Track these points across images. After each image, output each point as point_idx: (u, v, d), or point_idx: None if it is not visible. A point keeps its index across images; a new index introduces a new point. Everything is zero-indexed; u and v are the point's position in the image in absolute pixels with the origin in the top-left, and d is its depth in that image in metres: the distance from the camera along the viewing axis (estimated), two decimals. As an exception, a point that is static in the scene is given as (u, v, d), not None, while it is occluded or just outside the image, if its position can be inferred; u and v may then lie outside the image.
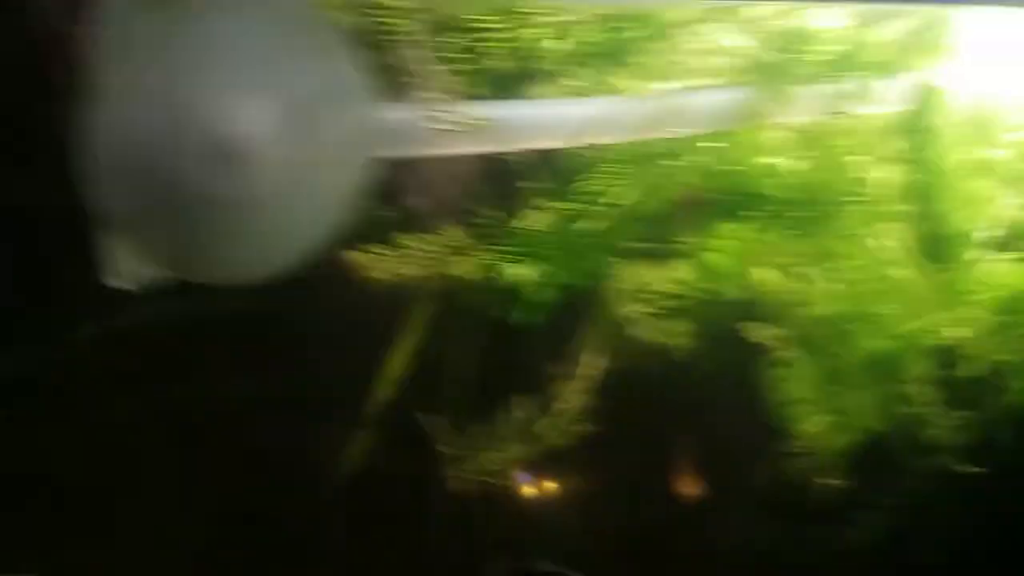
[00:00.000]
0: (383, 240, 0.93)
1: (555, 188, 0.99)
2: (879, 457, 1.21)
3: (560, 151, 0.96)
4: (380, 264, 0.92)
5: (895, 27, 1.05)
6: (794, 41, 1.00)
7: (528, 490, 1.11)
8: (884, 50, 1.02)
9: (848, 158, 1.08)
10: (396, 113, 0.75)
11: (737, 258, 1.09)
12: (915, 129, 1.04)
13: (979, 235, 1.12)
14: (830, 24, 1.05)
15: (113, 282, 0.71)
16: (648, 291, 1.13)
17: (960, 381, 1.22)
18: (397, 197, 0.94)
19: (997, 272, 1.17)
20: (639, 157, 1.01)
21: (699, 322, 1.17)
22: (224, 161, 0.58)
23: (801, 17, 1.03)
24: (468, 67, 0.85)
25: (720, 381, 1.19)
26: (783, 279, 1.13)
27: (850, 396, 1.18)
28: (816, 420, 1.16)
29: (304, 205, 0.66)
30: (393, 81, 0.77)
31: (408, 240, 0.93)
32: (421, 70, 0.77)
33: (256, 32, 0.61)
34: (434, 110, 0.76)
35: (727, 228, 1.08)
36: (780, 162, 1.04)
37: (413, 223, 0.94)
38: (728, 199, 1.05)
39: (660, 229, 1.12)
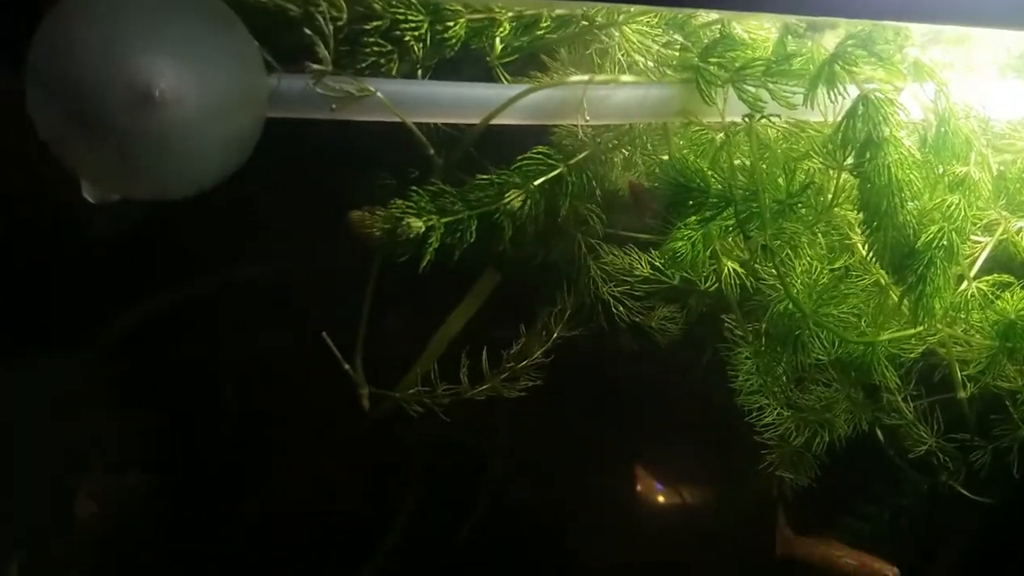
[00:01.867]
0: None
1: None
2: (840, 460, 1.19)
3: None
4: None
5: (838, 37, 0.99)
6: (727, 45, 1.00)
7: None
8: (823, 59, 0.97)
9: (793, 161, 1.06)
10: (288, 80, 0.86)
11: (700, 249, 1.13)
12: (858, 139, 0.99)
13: (950, 254, 1.03)
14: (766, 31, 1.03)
15: (89, 199, 0.86)
16: (622, 273, 1.23)
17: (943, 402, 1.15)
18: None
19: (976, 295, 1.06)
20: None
21: (671, 307, 1.25)
22: (141, 105, 0.75)
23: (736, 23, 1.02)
24: (379, 50, 0.91)
25: (686, 366, 1.25)
26: (746, 273, 1.16)
27: (811, 394, 1.17)
28: (777, 414, 1.18)
29: (206, 145, 0.80)
30: (292, 52, 0.86)
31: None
32: (319, 45, 0.85)
33: (164, 6, 0.77)
34: (325, 80, 0.85)
35: (690, 220, 1.11)
36: (724, 160, 1.04)
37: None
38: (676, 192, 1.07)
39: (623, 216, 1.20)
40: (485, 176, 0.95)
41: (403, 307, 1.18)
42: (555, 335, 1.11)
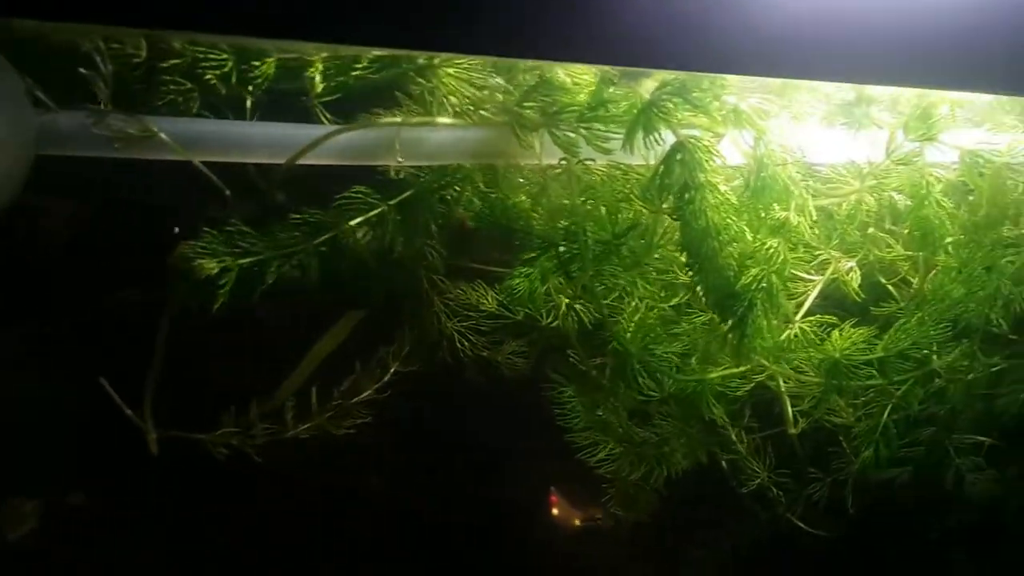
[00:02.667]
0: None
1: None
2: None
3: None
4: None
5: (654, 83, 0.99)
6: (546, 90, 0.99)
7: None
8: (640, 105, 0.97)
9: (618, 204, 1.05)
10: (69, 117, 0.82)
11: (538, 286, 1.12)
12: (675, 184, 0.99)
13: (770, 296, 1.03)
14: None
15: None
16: (468, 308, 1.21)
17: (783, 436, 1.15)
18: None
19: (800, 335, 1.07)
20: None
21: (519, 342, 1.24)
22: None
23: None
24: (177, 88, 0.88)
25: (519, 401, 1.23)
26: (582, 310, 1.15)
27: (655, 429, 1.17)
28: (609, 449, 1.16)
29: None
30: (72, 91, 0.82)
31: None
32: (100, 83, 0.81)
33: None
34: (105, 118, 0.81)
35: (526, 258, 1.09)
36: (545, 200, 1.04)
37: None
38: (500, 233, 1.07)
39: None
40: (298, 216, 0.92)
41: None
42: (392, 371, 1.09)
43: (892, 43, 0.94)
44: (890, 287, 1.20)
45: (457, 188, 1.02)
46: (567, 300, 1.11)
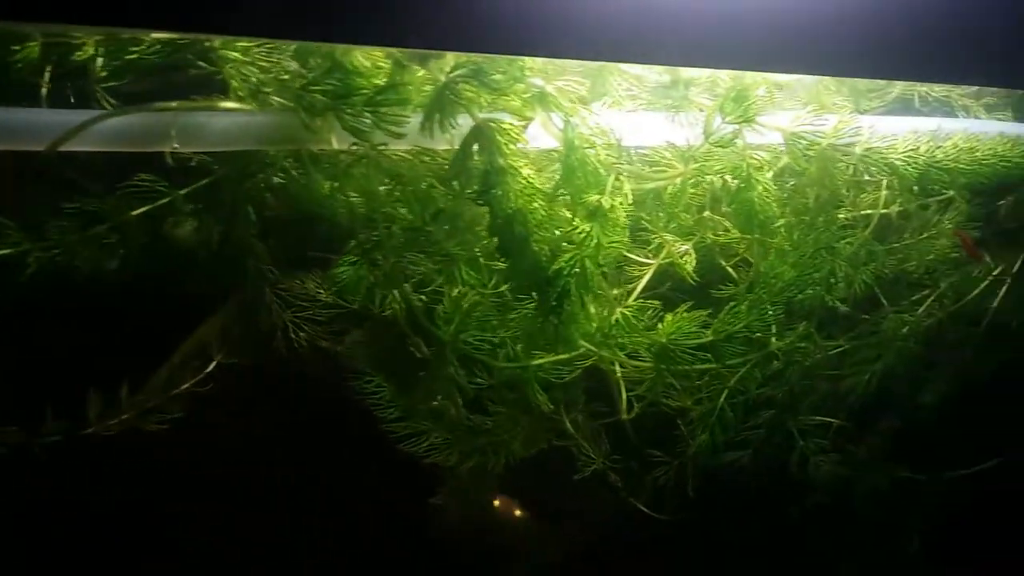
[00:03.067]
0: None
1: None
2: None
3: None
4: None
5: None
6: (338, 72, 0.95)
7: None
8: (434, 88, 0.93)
9: (420, 189, 1.02)
10: None
11: (363, 274, 1.08)
12: (472, 169, 0.96)
13: (584, 280, 1.00)
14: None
15: None
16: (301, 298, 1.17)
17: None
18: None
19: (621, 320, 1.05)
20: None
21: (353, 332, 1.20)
22: None
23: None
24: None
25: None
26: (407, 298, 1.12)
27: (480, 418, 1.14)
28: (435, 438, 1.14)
29: None
30: None
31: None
32: None
33: None
34: None
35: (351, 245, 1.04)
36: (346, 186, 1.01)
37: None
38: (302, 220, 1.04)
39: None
40: (72, 205, 0.88)
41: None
42: (215, 363, 1.05)
43: (700, 25, 0.91)
44: (730, 270, 1.18)
45: (263, 174, 0.98)
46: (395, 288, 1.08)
